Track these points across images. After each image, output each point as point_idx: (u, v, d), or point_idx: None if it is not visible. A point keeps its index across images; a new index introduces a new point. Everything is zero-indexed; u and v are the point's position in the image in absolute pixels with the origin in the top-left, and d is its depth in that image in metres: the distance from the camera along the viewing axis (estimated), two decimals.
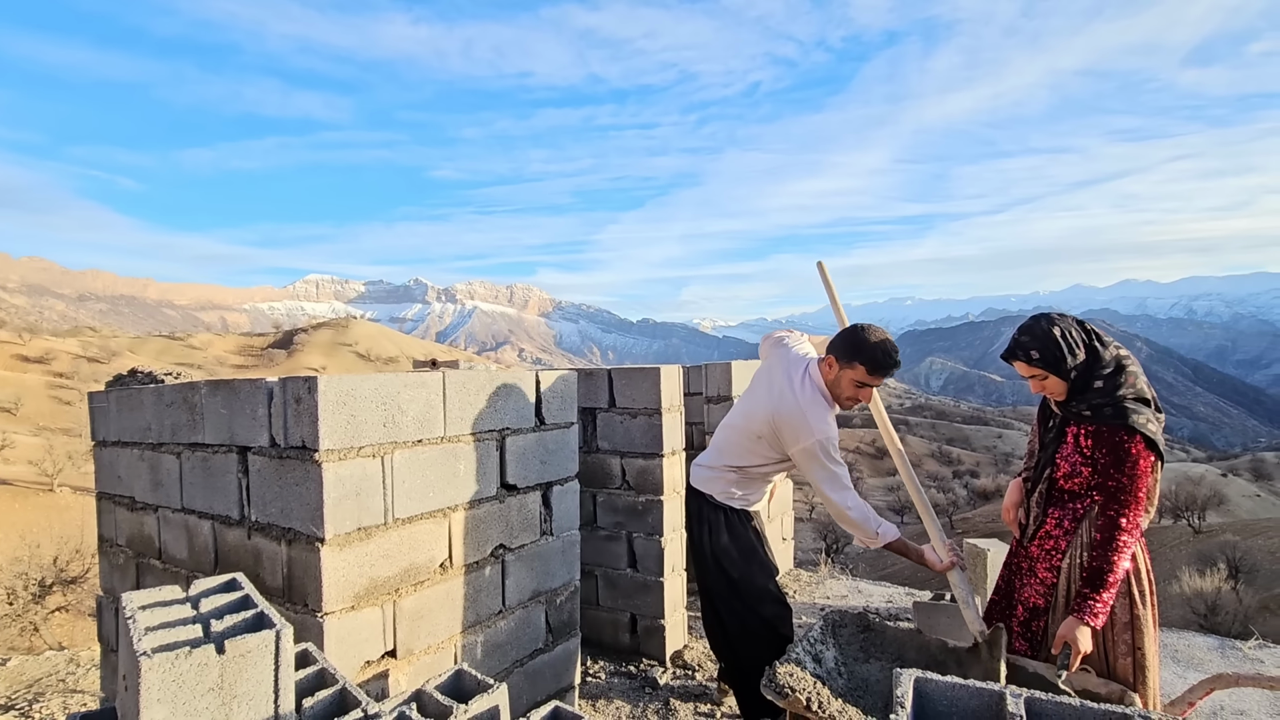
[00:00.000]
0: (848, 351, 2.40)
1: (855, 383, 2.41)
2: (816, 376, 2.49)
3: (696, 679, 3.39)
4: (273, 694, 1.24)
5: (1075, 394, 2.08)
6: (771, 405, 2.46)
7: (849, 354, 2.39)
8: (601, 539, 3.74)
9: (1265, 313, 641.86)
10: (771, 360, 2.67)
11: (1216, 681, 1.89)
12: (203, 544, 2.43)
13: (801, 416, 2.38)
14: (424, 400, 2.29)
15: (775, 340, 2.79)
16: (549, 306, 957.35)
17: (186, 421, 2.47)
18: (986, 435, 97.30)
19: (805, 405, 2.40)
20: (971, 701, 0.97)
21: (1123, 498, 1.93)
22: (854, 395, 2.45)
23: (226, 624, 1.29)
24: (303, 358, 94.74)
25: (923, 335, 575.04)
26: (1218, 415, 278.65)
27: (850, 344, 2.40)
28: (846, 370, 2.41)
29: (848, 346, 2.40)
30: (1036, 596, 2.18)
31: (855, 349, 2.38)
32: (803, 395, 2.42)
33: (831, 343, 2.50)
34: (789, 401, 2.42)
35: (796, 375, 2.49)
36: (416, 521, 2.26)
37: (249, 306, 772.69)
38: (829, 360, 2.46)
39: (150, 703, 1.10)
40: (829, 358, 2.46)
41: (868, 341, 2.37)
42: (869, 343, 2.37)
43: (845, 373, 2.41)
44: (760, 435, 2.51)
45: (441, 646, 2.34)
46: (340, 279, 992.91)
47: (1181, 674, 3.41)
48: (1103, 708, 0.90)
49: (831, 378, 2.46)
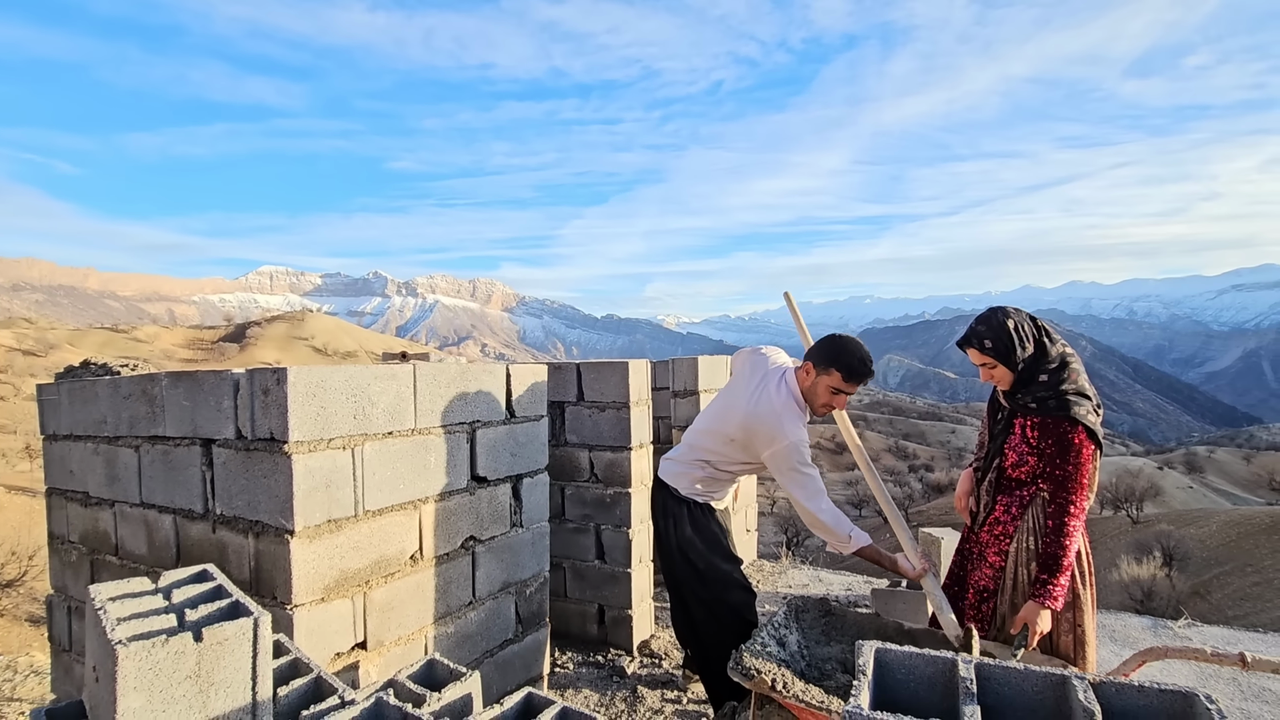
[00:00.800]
0: (826, 358, 2.48)
1: (831, 389, 2.49)
2: (793, 383, 2.56)
3: (663, 667, 3.45)
4: (250, 681, 1.25)
5: (1021, 386, 2.20)
6: (746, 409, 2.51)
7: (827, 360, 2.47)
8: (570, 531, 3.77)
9: (1199, 314, 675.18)
10: (748, 368, 2.73)
11: (1149, 654, 2.03)
12: (164, 538, 2.38)
13: (776, 420, 2.44)
14: (395, 392, 2.28)
15: (752, 350, 2.86)
16: (512, 301, 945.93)
17: (146, 414, 2.41)
18: (941, 430, 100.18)
19: (780, 410, 2.46)
20: (927, 669, 1.04)
21: (1069, 485, 2.06)
22: (828, 402, 2.53)
23: (201, 613, 1.29)
24: (256, 352, 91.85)
25: (881, 333, 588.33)
26: (1155, 411, 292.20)
27: (829, 351, 2.48)
28: (823, 376, 2.49)
29: (826, 353, 2.48)
30: (986, 579, 2.30)
31: (834, 356, 2.46)
32: (778, 399, 2.49)
33: (810, 350, 2.58)
34: (764, 405, 2.48)
35: (773, 381, 2.56)
36: (387, 513, 2.26)
37: (199, 298, 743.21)
38: (806, 366, 2.54)
39: (127, 691, 1.10)
40: (806, 364, 2.54)
41: (845, 349, 2.46)
42: (847, 350, 2.46)
43: (822, 379, 2.49)
44: (733, 438, 2.56)
45: (412, 638, 2.35)
46: (296, 271, 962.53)
47: (1118, 651, 3.62)
48: (1042, 669, 0.98)
49: (808, 384, 2.53)
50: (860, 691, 0.93)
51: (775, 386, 2.53)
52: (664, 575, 2.82)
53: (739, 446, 2.56)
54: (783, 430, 2.42)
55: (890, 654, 1.06)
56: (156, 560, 2.43)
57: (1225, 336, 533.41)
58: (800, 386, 2.55)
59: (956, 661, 1.01)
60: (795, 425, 2.45)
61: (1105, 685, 0.94)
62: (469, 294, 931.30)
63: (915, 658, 1.05)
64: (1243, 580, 31.09)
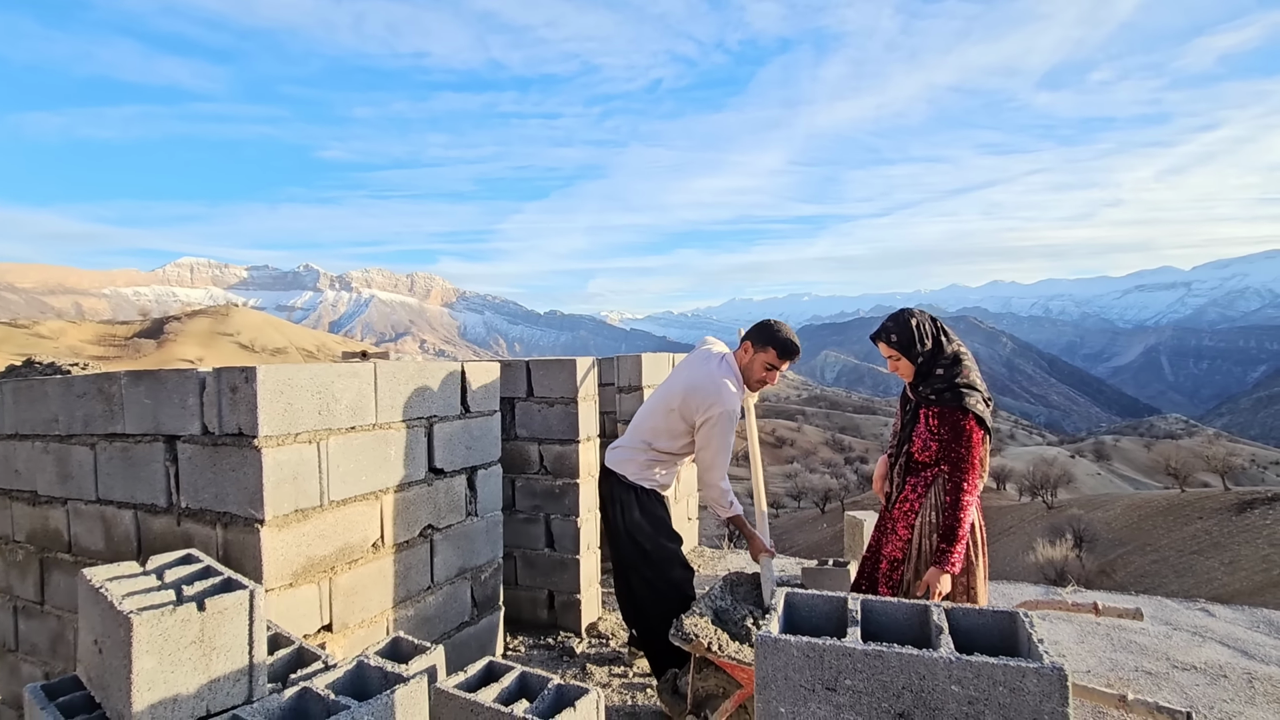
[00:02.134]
0: (763, 337, 2.81)
1: (765, 365, 2.82)
2: (732, 363, 2.87)
3: (611, 646, 3.67)
4: (247, 646, 1.40)
5: (921, 379, 2.53)
6: (689, 378, 2.78)
7: (764, 339, 2.81)
8: (520, 521, 3.95)
9: (1106, 313, 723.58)
10: (692, 355, 3.01)
11: (1025, 605, 2.39)
12: (123, 533, 2.44)
13: (715, 388, 2.72)
14: (357, 389, 2.42)
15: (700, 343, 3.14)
16: (452, 297, 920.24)
17: (103, 412, 2.46)
18: (875, 424, 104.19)
19: (719, 380, 2.75)
20: (824, 606, 1.29)
21: (963, 466, 2.39)
22: (763, 378, 2.85)
23: (198, 588, 1.43)
24: (175, 348, 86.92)
25: (818, 330, 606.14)
26: (1068, 403, 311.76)
27: (765, 331, 2.83)
28: (760, 354, 2.81)
29: (763, 333, 2.82)
30: (896, 550, 2.62)
31: (769, 336, 2.81)
32: (719, 372, 2.79)
33: (749, 331, 2.90)
34: (706, 376, 2.77)
35: (714, 360, 2.86)
36: (350, 504, 2.39)
37: (110, 291, 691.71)
38: (745, 345, 2.85)
39: (141, 654, 1.24)
40: (745, 343, 2.86)
41: (780, 330, 2.83)
42: (781, 331, 2.83)
43: (758, 356, 2.82)
44: (673, 408, 2.79)
45: (375, 620, 2.49)
46: (219, 263, 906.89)
47: None
48: (911, 601, 1.25)
49: (746, 361, 2.84)
50: (771, 621, 1.17)
51: (717, 364, 2.83)
52: (612, 559, 3.04)
53: (678, 415, 2.79)
54: (720, 397, 2.69)
55: (797, 596, 1.31)
56: (115, 555, 2.48)
57: (1129, 333, 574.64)
58: (739, 364, 2.86)
59: (847, 599, 1.27)
60: (732, 397, 2.74)
61: (954, 610, 1.22)
62: (407, 288, 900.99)
63: (816, 598, 1.30)
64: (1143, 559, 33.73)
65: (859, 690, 1.02)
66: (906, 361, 2.55)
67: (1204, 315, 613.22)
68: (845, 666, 1.04)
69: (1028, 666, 0.98)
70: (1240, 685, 3.07)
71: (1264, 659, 3.36)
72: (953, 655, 1.01)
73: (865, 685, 1.02)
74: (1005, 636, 1.19)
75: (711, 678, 2.53)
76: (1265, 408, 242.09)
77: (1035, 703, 0.95)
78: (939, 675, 1.00)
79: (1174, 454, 54.05)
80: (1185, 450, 56.93)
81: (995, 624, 1.20)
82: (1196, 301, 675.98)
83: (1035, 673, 0.97)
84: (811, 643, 1.07)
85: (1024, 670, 0.97)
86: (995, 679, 0.98)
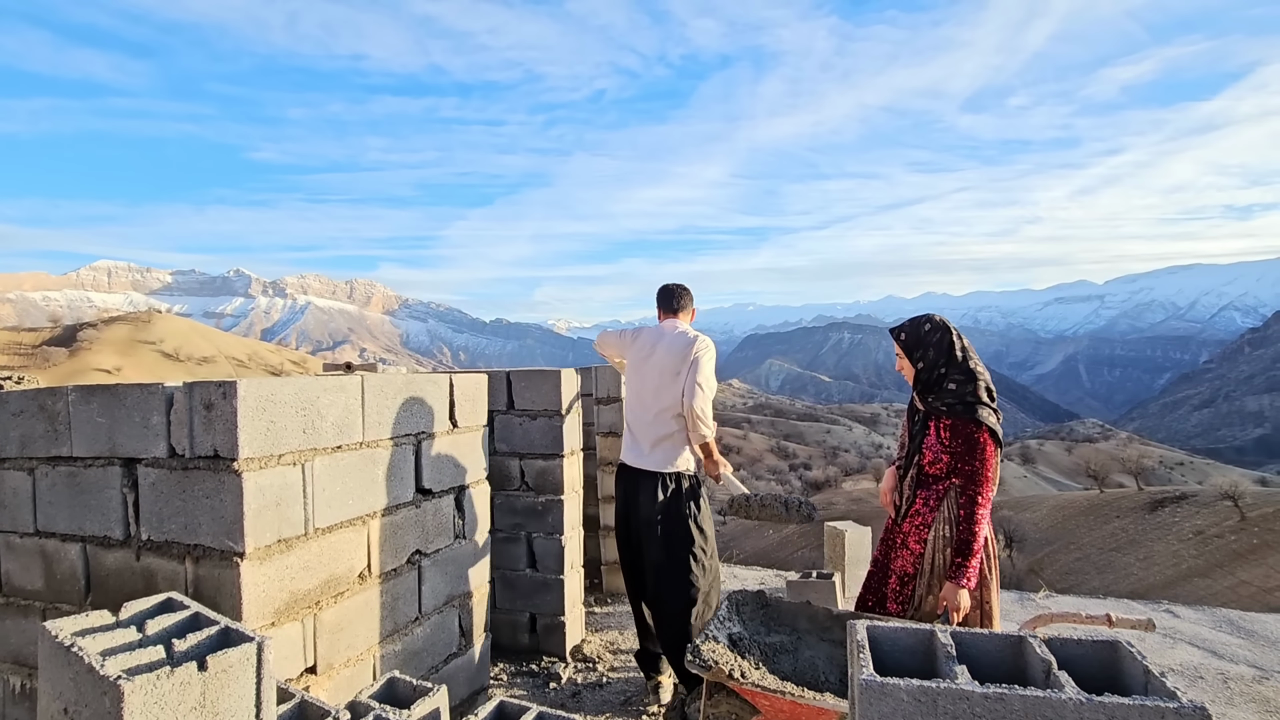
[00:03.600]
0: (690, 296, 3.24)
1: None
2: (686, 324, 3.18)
3: (598, 670, 3.52)
4: (255, 708, 1.21)
5: (928, 389, 2.52)
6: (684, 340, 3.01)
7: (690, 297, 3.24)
8: (500, 541, 3.75)
9: (1029, 323, 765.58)
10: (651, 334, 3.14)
11: (1036, 621, 2.37)
12: (68, 570, 2.15)
13: (701, 337, 3.02)
14: (343, 405, 2.21)
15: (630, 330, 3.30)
16: (394, 304, 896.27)
17: (45, 432, 2.17)
18: (818, 431, 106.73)
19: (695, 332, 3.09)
20: (909, 640, 1.21)
21: (977, 479, 2.36)
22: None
23: (191, 642, 1.23)
24: (90, 357, 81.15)
25: (763, 339, 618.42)
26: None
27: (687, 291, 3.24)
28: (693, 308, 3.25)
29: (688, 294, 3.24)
30: (908, 565, 2.57)
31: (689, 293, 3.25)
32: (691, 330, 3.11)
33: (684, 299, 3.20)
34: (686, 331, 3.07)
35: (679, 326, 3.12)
36: (337, 530, 2.18)
37: (15, 295, 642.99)
38: (690, 310, 3.22)
39: None
40: (690, 308, 3.22)
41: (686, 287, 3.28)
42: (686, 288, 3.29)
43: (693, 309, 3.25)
44: (677, 371, 2.93)
45: (360, 659, 2.28)
46: (140, 267, 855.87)
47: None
48: (1004, 633, 1.18)
49: (693, 319, 3.25)
50: (866, 664, 1.07)
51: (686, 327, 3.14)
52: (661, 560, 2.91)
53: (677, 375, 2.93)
54: (707, 340, 3.01)
55: (879, 629, 1.22)
56: (57, 595, 2.18)
57: (1050, 343, 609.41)
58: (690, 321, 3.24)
59: (934, 631, 1.19)
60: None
61: (1052, 641, 1.16)
62: (346, 295, 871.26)
63: (899, 631, 1.21)
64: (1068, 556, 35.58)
65: None
66: (907, 362, 2.60)
67: (1116, 326, 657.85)
68: (963, 711, 0.95)
69: (1167, 706, 0.91)
70: (1217, 686, 3.17)
71: (1233, 659, 3.49)
72: (1082, 696, 0.94)
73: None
74: (1106, 666, 1.13)
75: (724, 704, 2.42)
76: (1171, 412, 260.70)
77: None
78: (1068, 719, 0.93)
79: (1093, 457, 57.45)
80: (1103, 453, 60.60)
81: (1095, 654, 1.14)
82: (1109, 313, 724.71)
83: (1175, 713, 0.91)
84: (924, 687, 0.97)
85: (1163, 711, 0.91)
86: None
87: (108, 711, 1.06)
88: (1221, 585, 26.78)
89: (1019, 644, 1.18)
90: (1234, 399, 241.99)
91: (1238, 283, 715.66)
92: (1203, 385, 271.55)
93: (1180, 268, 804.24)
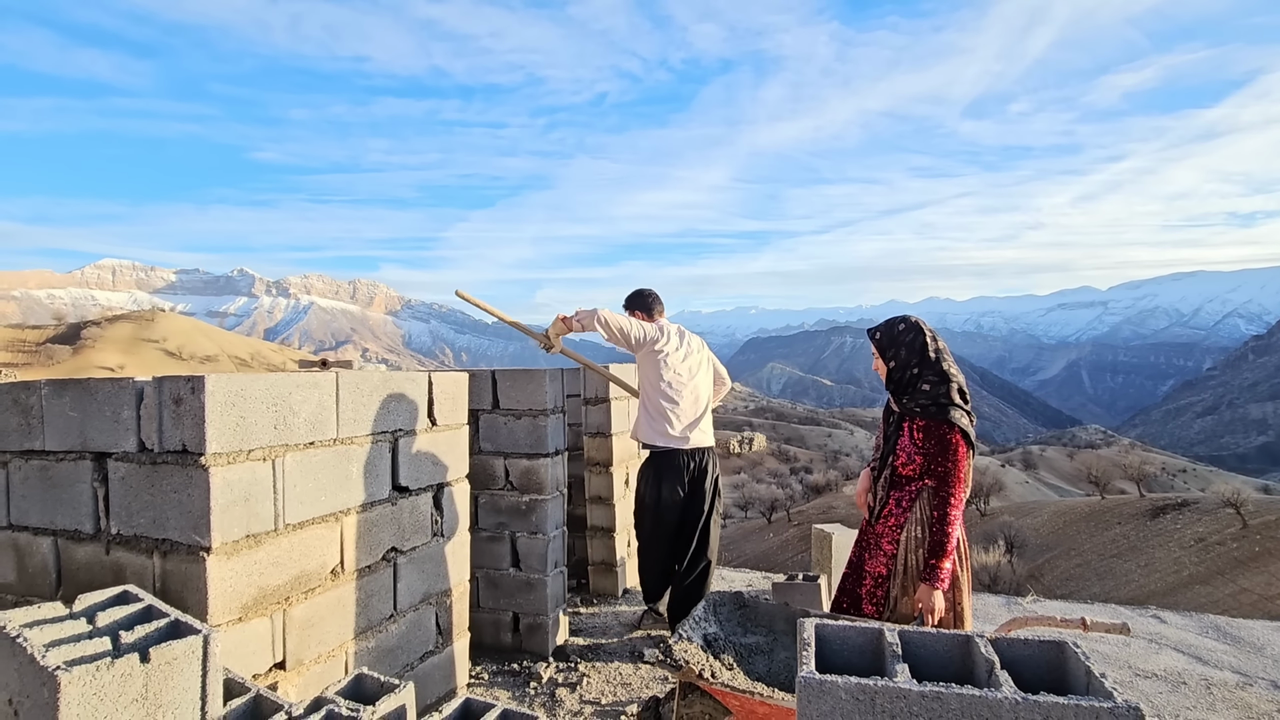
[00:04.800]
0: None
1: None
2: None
3: (579, 670, 3.50)
4: (199, 702, 1.21)
5: (901, 390, 2.53)
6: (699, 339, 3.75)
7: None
8: (483, 540, 3.74)
9: (1032, 329, 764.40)
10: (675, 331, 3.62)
11: (1012, 624, 2.37)
12: (40, 564, 2.15)
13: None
14: (316, 401, 2.21)
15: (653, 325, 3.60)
16: (397, 305, 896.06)
17: (19, 426, 2.18)
18: (819, 434, 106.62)
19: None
20: (858, 638, 1.20)
21: (950, 480, 2.36)
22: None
23: (138, 634, 1.23)
24: (94, 355, 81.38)
25: (765, 342, 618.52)
26: (999, 415, 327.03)
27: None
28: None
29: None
30: (881, 566, 2.57)
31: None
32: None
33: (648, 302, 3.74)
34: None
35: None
36: (308, 526, 2.18)
37: (20, 293, 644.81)
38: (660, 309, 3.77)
39: (70, 718, 1.04)
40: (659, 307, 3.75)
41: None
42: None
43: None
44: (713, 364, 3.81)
45: (332, 655, 2.27)
46: (144, 265, 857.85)
47: (980, 625, 4.11)
48: (952, 633, 1.18)
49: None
50: (809, 660, 1.07)
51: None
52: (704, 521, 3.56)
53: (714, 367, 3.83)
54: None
55: (827, 628, 1.21)
56: (29, 589, 2.18)
57: (1053, 349, 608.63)
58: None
59: (883, 630, 1.19)
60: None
61: (999, 641, 1.15)
62: (348, 295, 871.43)
63: (848, 629, 1.21)
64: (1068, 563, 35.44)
65: None
66: (881, 361, 2.64)
67: (1119, 333, 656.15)
68: (900, 710, 0.95)
69: (1101, 706, 0.91)
70: (1199, 692, 3.15)
71: (1217, 664, 3.47)
72: (1018, 696, 0.93)
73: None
74: (1053, 668, 1.12)
75: (697, 704, 2.41)
76: (1174, 419, 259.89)
77: None
78: (1004, 718, 0.92)
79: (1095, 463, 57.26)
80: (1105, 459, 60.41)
81: (1042, 655, 1.14)
82: (1113, 320, 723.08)
83: (1110, 713, 0.90)
84: (862, 684, 0.97)
85: (1097, 711, 0.91)
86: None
87: (46, 703, 1.06)
88: (1223, 593, 26.67)
89: (966, 644, 1.17)
90: (1237, 406, 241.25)
91: (1242, 290, 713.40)
92: (1206, 392, 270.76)
93: (1184, 274, 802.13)
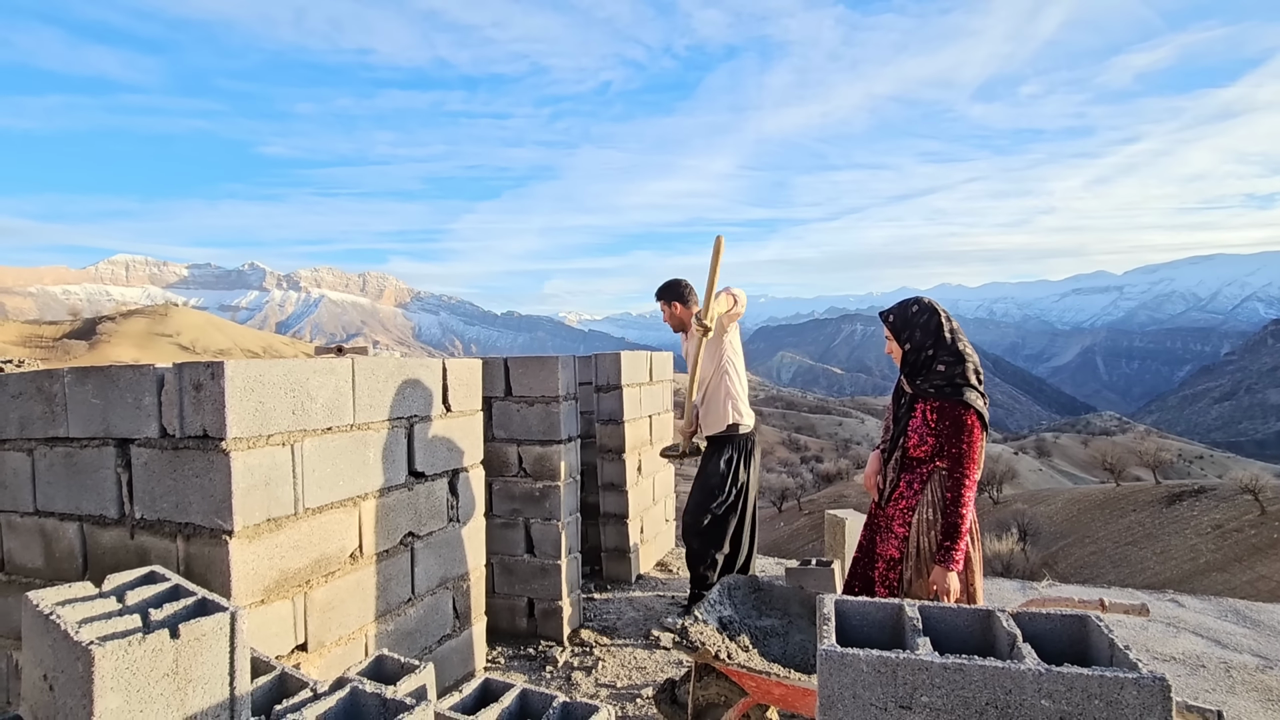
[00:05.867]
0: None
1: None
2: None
3: (594, 654, 3.54)
4: (228, 677, 1.23)
5: (915, 371, 2.51)
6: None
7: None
8: (498, 526, 3.77)
9: (1046, 315, 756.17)
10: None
11: (1030, 605, 2.36)
12: (66, 548, 2.19)
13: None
14: (333, 387, 2.23)
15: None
16: (406, 297, 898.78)
17: (43, 414, 2.21)
18: (829, 423, 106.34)
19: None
20: (878, 614, 1.21)
21: (964, 461, 2.35)
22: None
23: (167, 612, 1.25)
24: (109, 350, 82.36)
25: (775, 331, 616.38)
26: (1011, 402, 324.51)
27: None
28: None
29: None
30: (893, 549, 2.56)
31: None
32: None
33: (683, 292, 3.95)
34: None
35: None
36: (327, 511, 2.20)
37: (36, 289, 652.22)
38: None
39: (104, 692, 1.06)
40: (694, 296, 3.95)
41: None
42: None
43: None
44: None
45: (352, 637, 2.31)
46: (157, 261, 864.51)
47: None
48: (972, 607, 1.18)
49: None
50: (829, 635, 1.08)
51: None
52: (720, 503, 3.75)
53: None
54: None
55: (847, 604, 1.22)
56: (56, 573, 2.23)
57: (1067, 335, 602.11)
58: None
59: (903, 605, 1.19)
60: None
61: (1020, 615, 1.15)
62: (359, 288, 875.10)
63: (868, 605, 1.22)
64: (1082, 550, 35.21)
65: (937, 708, 0.93)
66: (896, 344, 2.61)
67: (1135, 318, 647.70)
68: (922, 682, 0.95)
69: (1126, 677, 0.90)
70: (1219, 675, 3.13)
71: (1236, 648, 3.45)
72: (1041, 667, 0.93)
73: (944, 702, 0.93)
74: (1075, 641, 1.12)
75: (713, 685, 2.43)
76: (1190, 405, 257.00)
77: (1135, 716, 0.88)
78: (1027, 689, 0.92)
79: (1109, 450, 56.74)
80: (1120, 446, 59.87)
81: (1064, 629, 1.14)
82: (1128, 305, 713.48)
83: (1135, 684, 0.90)
84: (884, 657, 0.97)
85: (1122, 681, 0.90)
86: (1090, 691, 0.90)
87: (81, 676, 1.08)
88: (1240, 580, 26.44)
89: (987, 618, 1.17)
90: (1256, 391, 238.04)
91: (1261, 273, 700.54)
92: (1224, 378, 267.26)
93: (1201, 258, 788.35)
